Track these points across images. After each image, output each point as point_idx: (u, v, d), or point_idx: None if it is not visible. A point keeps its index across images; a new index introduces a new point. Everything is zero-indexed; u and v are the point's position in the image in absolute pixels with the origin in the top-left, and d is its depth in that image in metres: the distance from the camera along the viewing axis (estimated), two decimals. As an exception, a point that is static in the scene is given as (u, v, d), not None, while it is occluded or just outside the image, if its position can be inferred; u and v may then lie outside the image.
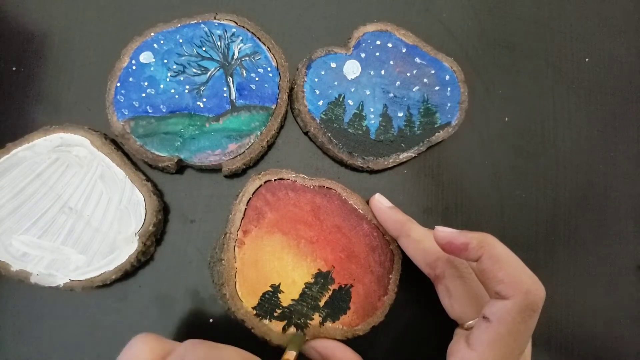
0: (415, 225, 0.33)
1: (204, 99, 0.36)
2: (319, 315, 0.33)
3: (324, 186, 0.35)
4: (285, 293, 0.33)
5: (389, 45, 0.39)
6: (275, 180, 0.34)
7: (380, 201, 0.35)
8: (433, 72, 0.39)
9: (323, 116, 0.37)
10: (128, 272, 0.34)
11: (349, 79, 0.38)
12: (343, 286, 0.34)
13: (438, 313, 0.33)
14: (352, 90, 0.38)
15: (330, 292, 0.33)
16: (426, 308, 0.35)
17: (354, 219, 0.35)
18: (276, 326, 0.32)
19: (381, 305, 0.34)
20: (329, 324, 0.33)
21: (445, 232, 0.28)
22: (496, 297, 0.26)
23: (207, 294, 0.36)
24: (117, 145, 0.36)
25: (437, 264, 0.31)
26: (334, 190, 0.35)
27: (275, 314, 0.32)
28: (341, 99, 0.38)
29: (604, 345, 0.39)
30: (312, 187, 0.35)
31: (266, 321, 0.32)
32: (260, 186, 0.34)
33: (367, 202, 0.36)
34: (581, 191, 0.41)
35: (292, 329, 0.32)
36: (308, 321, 0.33)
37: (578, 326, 0.39)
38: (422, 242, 0.32)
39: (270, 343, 0.32)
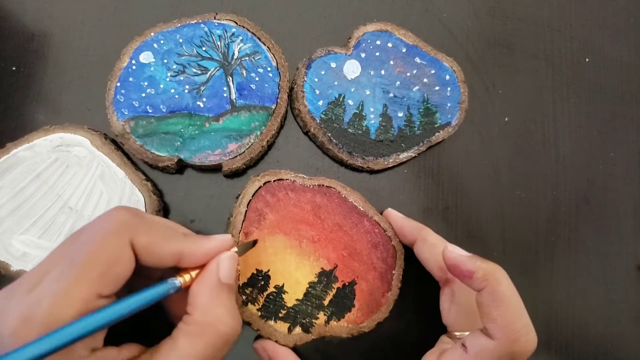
0: (431, 231, 0.33)
1: (204, 99, 0.36)
2: (324, 314, 0.33)
3: (323, 185, 0.35)
4: (290, 293, 0.33)
5: (389, 45, 0.39)
6: (274, 181, 0.34)
7: (394, 212, 0.36)
8: (433, 72, 0.39)
9: (323, 116, 0.37)
10: (128, 272, 0.34)
11: (349, 79, 0.38)
12: (347, 284, 0.34)
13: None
14: (352, 90, 0.38)
15: (334, 291, 0.33)
16: (429, 304, 0.35)
17: (355, 217, 0.35)
18: (282, 327, 0.32)
19: (385, 302, 0.34)
20: (334, 322, 0.33)
21: (454, 253, 0.27)
22: (484, 331, 0.25)
23: (207, 294, 0.36)
24: (117, 145, 0.36)
25: None
26: (334, 188, 0.35)
27: (281, 315, 0.32)
28: (341, 99, 0.38)
29: (604, 345, 0.39)
30: (311, 187, 0.35)
31: (272, 322, 0.32)
32: (260, 187, 0.34)
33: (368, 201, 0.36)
34: (581, 191, 0.41)
35: (298, 329, 0.32)
36: (313, 320, 0.32)
37: (578, 326, 0.39)
38: (438, 246, 0.32)
39: (277, 344, 0.32)
